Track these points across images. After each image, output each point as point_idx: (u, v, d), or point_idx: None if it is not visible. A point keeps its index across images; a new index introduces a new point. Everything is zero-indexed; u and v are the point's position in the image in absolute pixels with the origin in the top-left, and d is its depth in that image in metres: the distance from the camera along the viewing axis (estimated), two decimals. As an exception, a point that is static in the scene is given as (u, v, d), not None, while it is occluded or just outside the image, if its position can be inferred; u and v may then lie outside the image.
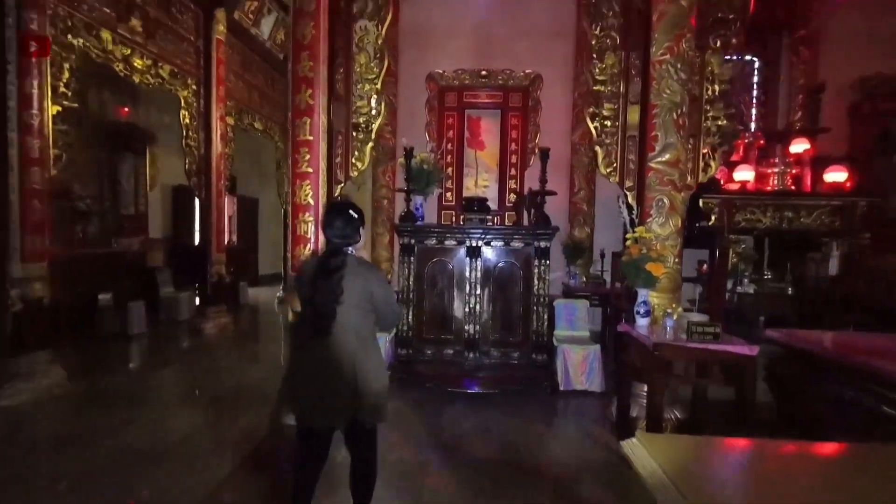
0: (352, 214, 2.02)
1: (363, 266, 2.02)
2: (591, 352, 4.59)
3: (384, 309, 2.03)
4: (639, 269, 3.40)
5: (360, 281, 1.96)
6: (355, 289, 1.96)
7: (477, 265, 4.61)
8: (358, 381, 1.92)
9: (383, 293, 2.01)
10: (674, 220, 3.65)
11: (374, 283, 1.99)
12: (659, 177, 3.63)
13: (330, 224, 2.00)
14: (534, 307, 4.57)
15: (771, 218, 4.40)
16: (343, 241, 2.02)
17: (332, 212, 2.04)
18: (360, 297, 1.97)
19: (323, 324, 1.93)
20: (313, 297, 1.94)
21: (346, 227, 1.99)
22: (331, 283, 1.92)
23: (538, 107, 6.57)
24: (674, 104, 3.59)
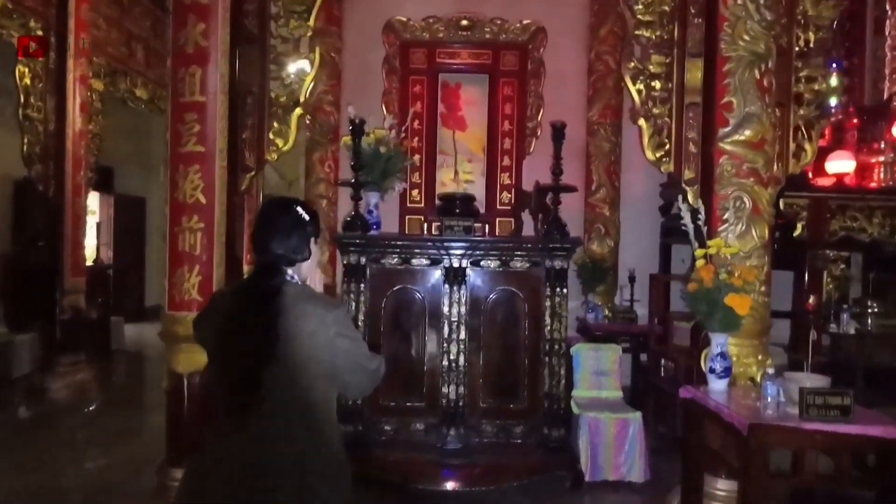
0: (300, 215, 1.72)
1: (314, 300, 1.66)
2: (630, 423, 4.06)
3: (350, 370, 1.66)
4: (714, 304, 2.87)
5: (309, 324, 1.59)
6: (301, 337, 1.58)
7: (460, 296, 4.03)
8: (304, 497, 1.54)
9: (348, 344, 1.64)
10: (758, 227, 3.16)
11: (332, 328, 1.61)
12: (735, 164, 3.15)
13: (265, 230, 1.69)
14: (545, 358, 4.00)
15: (879, 226, 4.01)
16: (283, 256, 1.67)
17: (270, 211, 1.75)
18: (311, 350, 1.59)
19: (242, 398, 1.55)
20: (226, 351, 1.60)
21: (290, 236, 1.68)
22: (258, 326, 1.56)
23: (541, 71, 6.11)
24: (755, 56, 3.14)
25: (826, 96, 3.39)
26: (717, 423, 2.78)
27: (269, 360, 1.54)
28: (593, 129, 6.15)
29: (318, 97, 6.07)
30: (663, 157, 3.42)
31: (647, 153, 3.42)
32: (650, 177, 6.21)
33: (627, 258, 6.13)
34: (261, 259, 1.69)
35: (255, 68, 3.42)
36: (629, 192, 6.22)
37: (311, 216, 1.74)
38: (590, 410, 4.11)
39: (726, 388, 2.96)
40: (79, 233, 6.39)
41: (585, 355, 4.49)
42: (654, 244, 6.16)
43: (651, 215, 6.16)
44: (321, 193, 6.12)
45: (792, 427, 2.47)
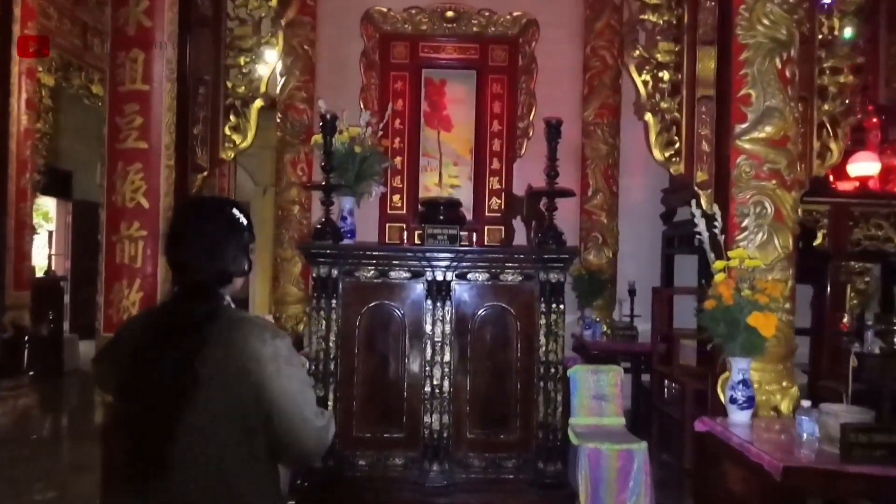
0: (235, 218, 1.43)
1: (248, 328, 1.34)
2: (634, 454, 3.77)
3: (289, 425, 1.32)
4: (735, 324, 2.58)
5: (238, 359, 1.29)
6: (227, 381, 1.27)
7: (444, 313, 3.72)
8: None
9: (289, 388, 1.32)
10: (781, 236, 2.90)
11: (269, 366, 1.30)
12: (754, 164, 2.90)
13: (190, 240, 1.40)
14: (539, 382, 3.69)
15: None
16: (209, 273, 1.38)
17: (196, 214, 1.46)
18: (237, 399, 1.28)
19: (147, 461, 1.24)
20: (131, 398, 1.31)
21: (224, 246, 1.39)
22: (173, 365, 1.25)
23: (532, 67, 5.84)
24: (776, 44, 2.89)
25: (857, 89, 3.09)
26: (740, 463, 2.48)
27: (184, 409, 1.22)
28: (589, 129, 5.89)
29: (290, 93, 5.78)
30: (673, 156, 3.15)
31: (654, 152, 3.14)
32: (651, 182, 5.99)
33: (627, 270, 5.86)
34: (185, 278, 1.37)
35: (209, 54, 3.10)
36: (628, 199, 5.96)
37: (245, 220, 1.44)
38: (590, 440, 3.81)
39: (749, 420, 2.67)
40: (23, 242, 5.99)
41: (584, 378, 4.19)
42: (655, 255, 5.90)
43: (652, 223, 5.91)
44: (293, 199, 5.79)
45: (833, 470, 2.18)
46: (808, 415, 2.26)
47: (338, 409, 3.70)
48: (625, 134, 5.94)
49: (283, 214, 5.88)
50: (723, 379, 2.95)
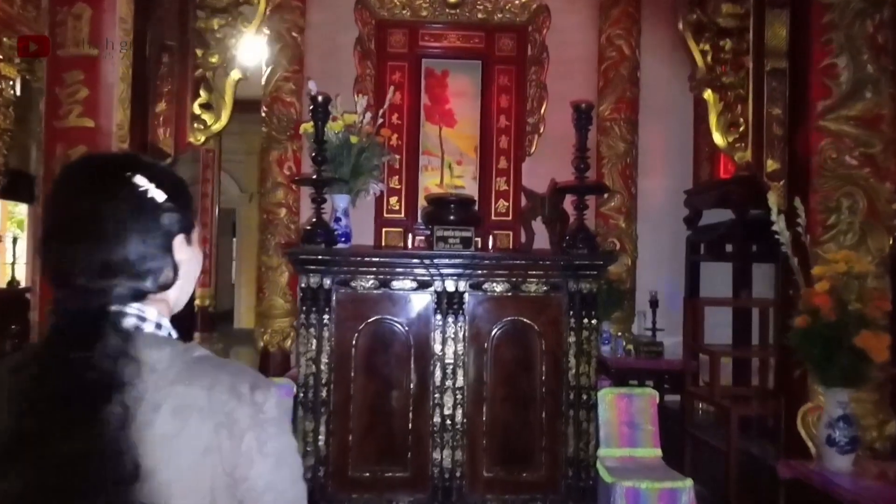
0: (141, 192, 0.85)
1: (206, 375, 0.83)
2: (679, 494, 3.20)
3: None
4: (836, 345, 2.04)
5: (199, 432, 0.79)
6: (179, 463, 0.78)
7: (456, 329, 3.17)
8: None
9: (281, 487, 0.83)
10: (876, 236, 2.38)
11: (247, 435, 0.81)
12: (843, 148, 2.37)
13: (69, 233, 0.84)
14: (568, 411, 3.14)
15: None
16: (119, 285, 0.83)
17: (78, 187, 0.87)
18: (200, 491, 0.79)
19: None
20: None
21: (125, 239, 0.84)
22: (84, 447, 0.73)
23: (543, 57, 5.31)
24: (867, 3, 2.39)
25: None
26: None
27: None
28: (605, 126, 5.38)
29: (276, 85, 5.22)
30: (737, 141, 2.62)
31: (715, 136, 2.62)
32: (672, 183, 5.50)
33: (646, 279, 5.33)
34: (65, 295, 0.82)
35: (175, 15, 2.51)
36: (647, 201, 5.44)
37: (170, 189, 0.88)
38: (625, 477, 3.23)
39: (852, 466, 2.11)
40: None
41: (614, 403, 3.61)
42: (677, 262, 5.38)
43: (674, 228, 5.40)
44: (279, 201, 5.21)
45: None
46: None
47: (329, 443, 3.12)
48: (644, 131, 5.43)
49: (269, 218, 5.29)
50: (804, 410, 2.42)
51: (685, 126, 5.25)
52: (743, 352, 4.37)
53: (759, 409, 3.80)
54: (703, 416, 4.57)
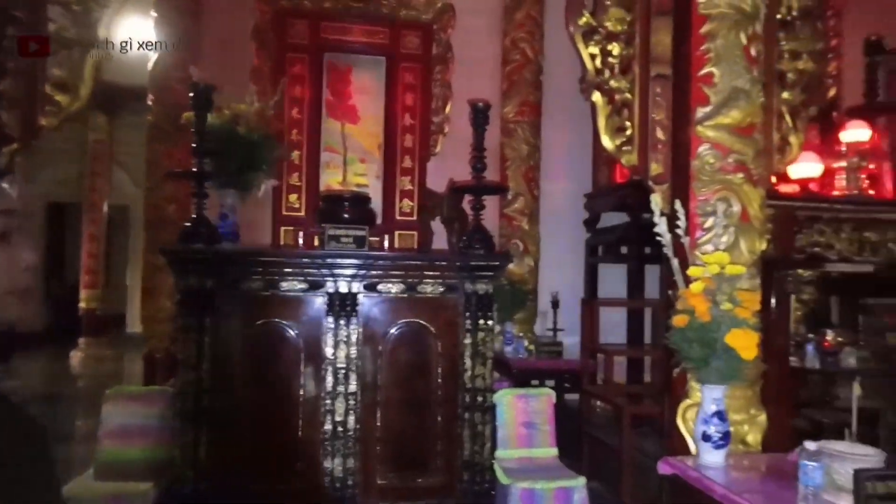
0: None
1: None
2: (572, 492, 3.25)
3: None
4: (712, 344, 2.10)
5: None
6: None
7: (350, 332, 3.06)
8: None
9: None
10: (748, 239, 2.49)
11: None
12: (719, 154, 2.47)
13: None
14: (465, 413, 3.10)
15: (847, 241, 3.55)
16: None
17: None
18: None
19: None
20: None
21: None
22: None
23: (448, 57, 5.28)
24: (742, 16, 2.50)
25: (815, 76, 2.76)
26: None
27: None
28: (509, 128, 5.43)
29: (166, 73, 4.87)
30: (624, 144, 2.66)
31: (603, 139, 2.65)
32: (573, 187, 5.63)
33: (548, 279, 5.43)
34: None
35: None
36: (550, 204, 5.55)
37: None
38: (521, 478, 3.24)
39: (724, 460, 2.19)
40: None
41: (512, 404, 3.61)
42: (577, 264, 5.51)
43: (575, 230, 5.53)
44: (167, 196, 4.86)
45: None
46: (816, 459, 1.80)
47: (213, 457, 2.91)
48: (546, 135, 5.53)
49: (157, 214, 4.93)
50: (684, 407, 2.50)
51: (586, 130, 5.39)
52: (635, 351, 4.53)
53: (651, 406, 3.94)
54: (600, 414, 4.69)
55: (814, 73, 2.80)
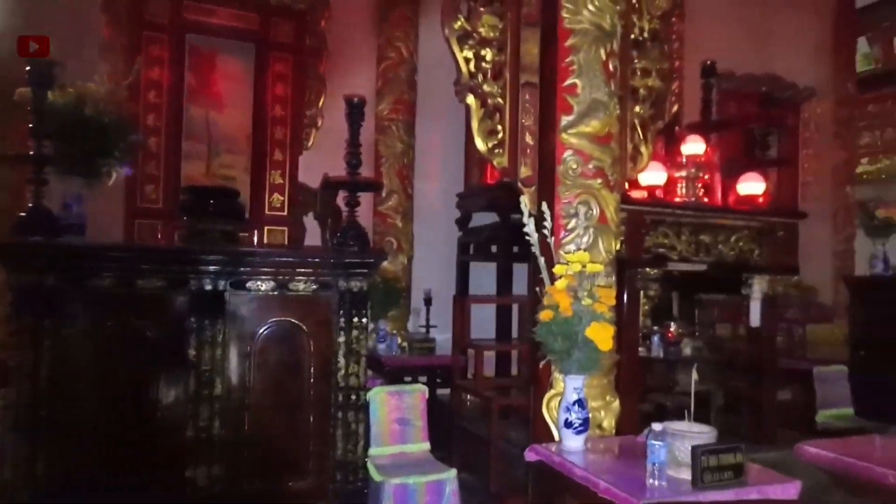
0: None
1: None
2: (444, 484, 3.32)
3: None
4: (574, 337, 2.26)
5: None
6: None
7: (214, 333, 2.91)
8: None
9: None
10: (606, 239, 2.70)
11: None
12: (580, 161, 2.65)
13: None
14: (338, 412, 3.06)
15: (686, 243, 3.97)
16: None
17: None
18: None
19: None
20: None
21: None
22: None
23: (322, 49, 5.18)
24: (601, 33, 2.70)
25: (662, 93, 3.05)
26: (585, 498, 2.14)
27: None
28: (383, 125, 5.42)
29: None
30: (496, 147, 2.77)
31: (477, 141, 2.74)
32: (446, 186, 5.73)
33: (421, 277, 5.50)
34: None
35: None
36: (424, 202, 5.62)
37: None
38: (394, 474, 3.26)
39: (584, 445, 2.36)
40: None
41: (385, 402, 3.62)
42: (450, 262, 5.64)
43: (447, 229, 5.64)
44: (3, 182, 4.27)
45: (690, 503, 1.93)
46: (661, 439, 2.00)
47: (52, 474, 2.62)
48: (420, 134, 5.59)
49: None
50: (548, 397, 2.66)
51: (459, 131, 5.52)
52: (504, 346, 4.74)
53: (518, 398, 4.13)
54: (470, 407, 4.84)
55: (661, 90, 3.09)
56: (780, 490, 2.03)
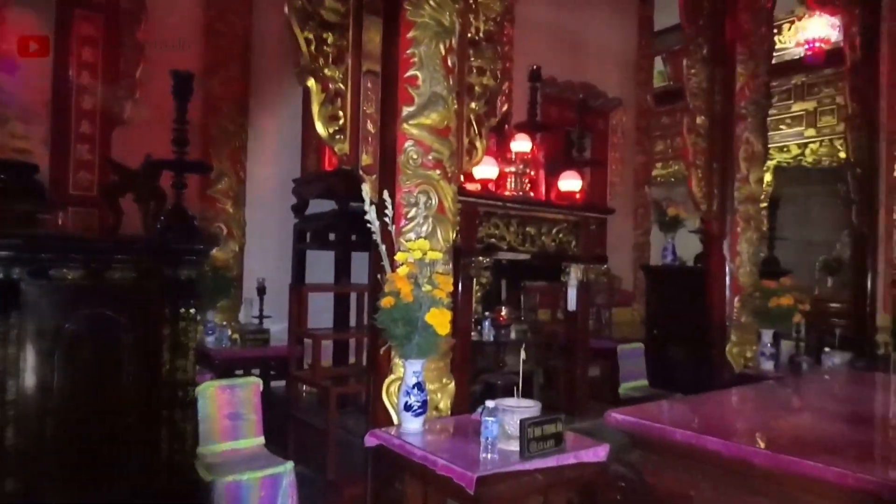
0: None
1: None
2: (280, 478, 3.23)
3: None
4: (414, 323, 2.33)
5: None
6: None
7: (7, 329, 2.53)
8: None
9: None
10: (444, 229, 2.81)
11: None
12: (421, 151, 2.72)
13: None
14: (163, 411, 2.84)
15: (514, 234, 4.26)
16: None
17: None
18: None
19: None
20: None
21: None
22: None
23: (141, 13, 4.70)
24: (441, 28, 2.78)
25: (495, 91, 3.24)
26: (424, 478, 2.23)
27: None
28: (214, 104, 5.07)
29: None
30: (337, 133, 2.74)
31: (317, 125, 2.69)
32: (281, 171, 5.53)
33: (255, 265, 5.26)
34: None
35: None
36: (258, 187, 5.37)
37: None
38: (225, 472, 3.10)
39: (423, 426, 2.45)
40: None
41: (215, 397, 3.42)
42: (285, 249, 5.45)
43: (283, 216, 5.44)
44: None
45: (518, 471, 2.10)
46: (493, 415, 2.14)
47: None
48: (255, 116, 5.33)
49: None
50: (388, 382, 2.71)
51: (296, 114, 5.35)
52: (341, 334, 4.71)
53: (356, 386, 4.14)
54: (307, 398, 4.75)
55: (494, 89, 3.28)
56: (593, 453, 2.29)
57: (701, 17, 4.89)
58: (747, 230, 4.77)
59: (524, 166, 4.49)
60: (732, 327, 4.66)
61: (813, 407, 2.80)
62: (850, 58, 6.02)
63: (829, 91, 8.07)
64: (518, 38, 6.48)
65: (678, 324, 5.39)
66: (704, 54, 4.89)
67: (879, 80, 5.88)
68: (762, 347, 4.52)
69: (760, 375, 4.28)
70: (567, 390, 4.59)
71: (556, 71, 6.87)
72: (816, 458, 1.77)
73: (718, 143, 4.88)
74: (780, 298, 4.34)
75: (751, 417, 2.68)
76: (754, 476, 1.90)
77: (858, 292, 5.99)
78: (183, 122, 2.92)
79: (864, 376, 3.69)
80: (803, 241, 9.16)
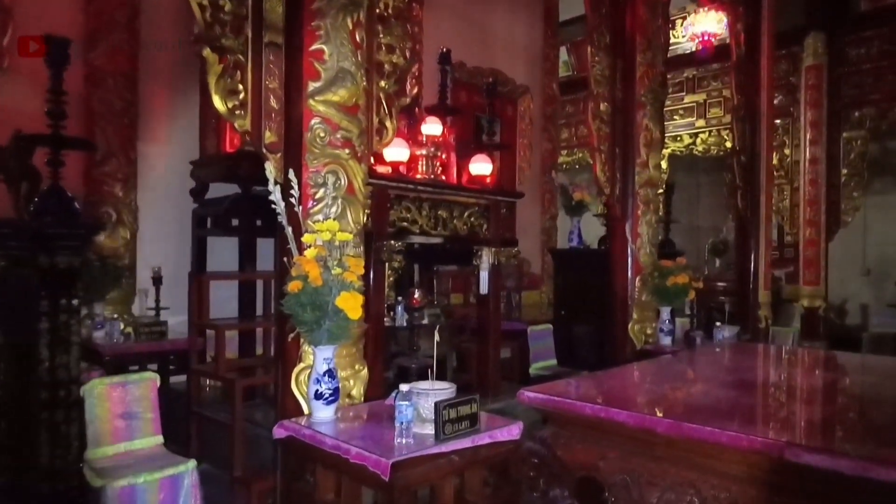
0: None
1: None
2: (181, 478, 3.05)
3: None
4: (324, 308, 2.23)
5: None
6: None
7: None
8: None
9: None
10: (354, 210, 2.72)
11: None
12: (329, 129, 2.61)
13: None
14: (42, 413, 2.57)
15: (426, 218, 4.20)
16: None
17: None
18: None
19: None
20: None
21: None
22: None
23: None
24: (349, 2, 2.66)
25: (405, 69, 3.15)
26: (337, 467, 2.14)
27: None
28: (98, 77, 4.63)
29: None
30: (237, 108, 2.56)
31: (215, 99, 2.49)
32: (177, 151, 5.13)
33: (150, 254, 4.89)
34: None
35: None
36: (151, 169, 4.98)
37: None
38: (118, 476, 2.86)
39: (335, 414, 2.36)
40: None
41: (105, 395, 3.15)
42: (183, 236, 5.09)
43: (180, 200, 5.07)
44: None
45: (434, 454, 2.06)
46: (408, 398, 2.09)
47: None
48: (147, 91, 4.92)
49: None
50: (297, 371, 2.58)
51: (193, 90, 4.98)
52: (247, 324, 4.48)
53: (264, 378, 3.96)
54: (210, 392, 4.49)
55: (404, 67, 3.19)
56: (507, 432, 2.30)
57: (604, 7, 5.03)
58: (647, 213, 4.98)
59: (435, 149, 4.43)
60: (634, 306, 4.87)
61: (707, 377, 2.97)
62: (735, 53, 6.44)
63: (717, 84, 8.65)
64: (427, 20, 6.40)
65: (584, 304, 5.57)
66: (607, 42, 5.03)
67: (760, 75, 6.34)
68: (661, 324, 4.76)
69: (659, 350, 4.51)
70: (480, 372, 4.63)
71: (466, 56, 6.86)
72: (712, 423, 1.86)
73: (620, 130, 5.06)
74: (677, 277, 4.58)
75: (652, 389, 2.79)
76: (657, 443, 1.96)
77: (742, 272, 6.46)
78: (59, 92, 2.63)
79: (749, 347, 3.98)
80: (693, 225, 9.82)
